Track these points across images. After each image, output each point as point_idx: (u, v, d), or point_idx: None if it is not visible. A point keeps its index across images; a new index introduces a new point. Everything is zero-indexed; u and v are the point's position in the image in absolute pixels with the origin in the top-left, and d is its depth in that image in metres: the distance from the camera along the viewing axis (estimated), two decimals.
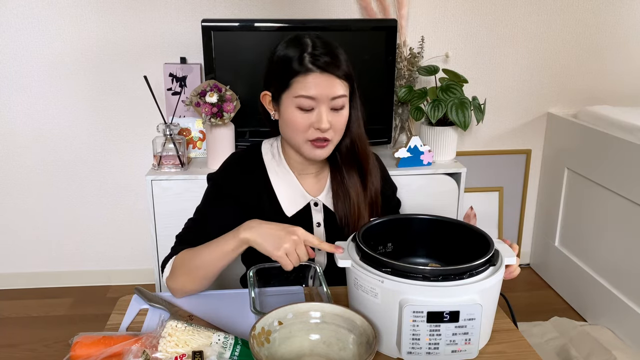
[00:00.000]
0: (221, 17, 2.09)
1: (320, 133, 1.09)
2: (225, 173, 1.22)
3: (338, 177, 1.22)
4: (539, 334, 2.00)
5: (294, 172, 1.22)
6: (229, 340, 0.86)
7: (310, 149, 1.12)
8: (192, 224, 1.19)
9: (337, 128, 1.11)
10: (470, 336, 0.84)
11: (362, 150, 1.20)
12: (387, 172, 1.37)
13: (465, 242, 0.99)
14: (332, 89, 1.07)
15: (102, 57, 2.14)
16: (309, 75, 1.06)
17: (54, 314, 2.20)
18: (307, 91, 1.07)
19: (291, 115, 1.10)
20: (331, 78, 1.07)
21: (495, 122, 2.39)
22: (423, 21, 2.20)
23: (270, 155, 1.23)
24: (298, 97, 1.07)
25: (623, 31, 2.33)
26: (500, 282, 0.90)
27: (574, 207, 2.26)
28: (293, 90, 1.08)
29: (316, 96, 1.07)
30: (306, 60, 1.06)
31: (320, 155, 1.13)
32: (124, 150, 2.26)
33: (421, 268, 0.84)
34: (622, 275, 1.97)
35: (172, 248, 1.15)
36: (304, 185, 1.22)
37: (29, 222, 2.32)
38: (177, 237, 1.18)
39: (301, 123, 1.09)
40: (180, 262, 1.08)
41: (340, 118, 1.11)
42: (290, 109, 1.10)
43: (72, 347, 0.86)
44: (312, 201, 1.22)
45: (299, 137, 1.11)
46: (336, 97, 1.08)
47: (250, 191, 1.19)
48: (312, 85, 1.06)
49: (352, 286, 0.92)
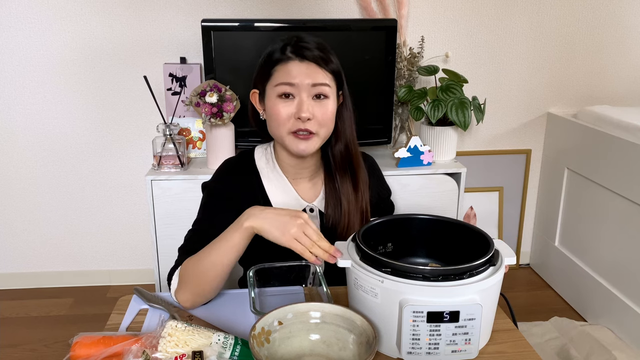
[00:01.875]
0: (221, 17, 2.09)
1: (301, 123, 1.07)
2: (219, 180, 1.20)
3: (331, 184, 1.19)
4: (539, 334, 2.00)
5: (288, 177, 1.20)
6: (229, 340, 0.86)
7: (294, 141, 1.10)
8: (192, 235, 1.15)
9: (320, 120, 1.09)
10: (471, 336, 0.84)
11: (354, 153, 1.19)
12: (383, 175, 1.35)
13: (465, 242, 0.99)
14: (312, 76, 1.07)
15: (102, 57, 2.14)
16: (289, 62, 1.07)
17: (54, 314, 2.20)
18: (286, 77, 1.07)
19: (273, 105, 1.09)
20: (312, 66, 1.07)
21: (495, 122, 2.39)
22: (423, 21, 2.20)
23: (264, 160, 1.21)
24: (278, 85, 1.08)
25: (623, 31, 2.33)
26: (501, 282, 0.90)
27: (574, 207, 2.26)
28: (274, 79, 1.09)
29: (295, 82, 1.06)
30: (287, 50, 1.08)
31: (304, 149, 1.10)
32: (124, 150, 2.26)
33: (421, 268, 0.84)
34: (622, 275, 1.97)
35: (175, 261, 1.11)
36: (298, 191, 1.20)
37: (29, 222, 2.32)
38: (180, 249, 1.14)
39: (282, 112, 1.08)
40: (186, 271, 1.03)
41: (323, 109, 1.09)
42: (272, 99, 1.10)
43: (72, 347, 0.86)
44: (307, 207, 1.20)
45: (282, 129, 1.09)
46: (317, 84, 1.07)
47: (244, 197, 1.16)
48: (291, 71, 1.07)
49: (352, 286, 0.92)
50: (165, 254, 1.88)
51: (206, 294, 1.03)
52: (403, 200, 1.91)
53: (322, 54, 1.08)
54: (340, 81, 1.14)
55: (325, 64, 1.08)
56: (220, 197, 1.17)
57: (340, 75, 1.13)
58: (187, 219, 1.20)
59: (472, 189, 2.42)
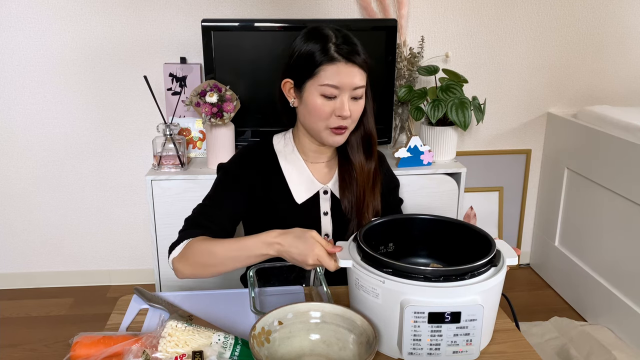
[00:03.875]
0: (221, 17, 2.09)
1: (341, 120, 1.15)
2: (236, 161, 1.25)
3: (346, 166, 1.25)
4: (539, 334, 2.00)
5: (306, 161, 1.25)
6: (229, 340, 0.86)
7: (330, 135, 1.17)
8: (201, 209, 1.19)
9: (354, 117, 1.17)
10: (472, 337, 0.84)
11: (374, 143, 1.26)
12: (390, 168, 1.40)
13: (466, 242, 0.99)
14: (354, 79, 1.12)
15: (102, 57, 2.14)
16: (334, 64, 1.11)
17: (54, 314, 2.20)
18: (333, 80, 1.11)
19: (315, 102, 1.14)
20: (354, 68, 1.12)
21: (495, 122, 2.39)
22: (423, 21, 2.20)
23: (282, 144, 1.27)
24: (323, 86, 1.12)
25: (623, 31, 2.33)
26: (502, 283, 0.90)
27: (573, 207, 2.26)
28: (319, 78, 1.12)
29: (340, 85, 1.12)
30: (332, 50, 1.11)
31: (339, 141, 1.18)
32: (124, 150, 2.25)
33: (422, 268, 0.84)
34: (622, 275, 1.97)
35: (180, 231, 1.15)
36: (314, 173, 1.25)
37: (29, 222, 2.32)
38: (187, 220, 1.18)
39: (324, 110, 1.14)
40: (196, 250, 1.07)
41: (358, 107, 1.17)
42: (313, 95, 1.14)
43: (72, 347, 0.86)
44: (321, 189, 1.24)
45: (320, 124, 1.16)
46: (357, 87, 1.13)
47: (261, 178, 1.22)
48: (337, 74, 1.11)
49: (353, 286, 0.92)
50: (165, 254, 1.87)
51: (204, 277, 1.10)
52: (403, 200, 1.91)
53: (365, 56, 1.14)
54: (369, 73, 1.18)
55: (362, 61, 1.13)
56: (233, 178, 1.21)
57: (370, 67, 1.17)
58: None
59: (472, 189, 2.42)
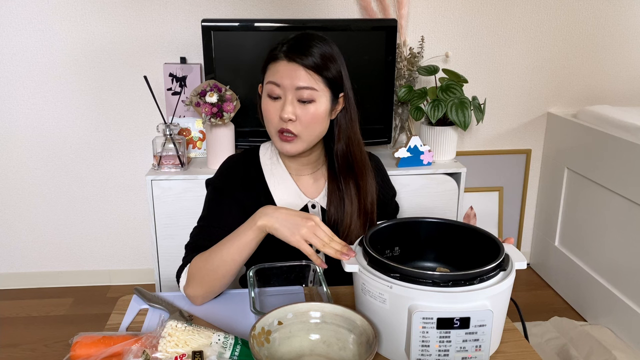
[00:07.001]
0: (221, 17, 2.09)
1: (283, 123, 1.09)
2: (222, 176, 1.21)
3: (334, 183, 1.20)
4: (539, 334, 2.00)
5: (291, 173, 1.21)
6: (229, 340, 0.86)
7: (279, 141, 1.12)
8: (198, 232, 1.16)
9: (303, 121, 1.09)
10: (481, 343, 0.82)
11: (357, 154, 1.18)
12: (388, 175, 1.35)
13: (473, 245, 0.97)
14: (296, 79, 1.07)
15: (102, 56, 2.14)
16: (276, 62, 1.09)
17: (54, 314, 2.20)
18: (274, 77, 1.09)
19: (263, 103, 1.12)
20: (297, 67, 1.07)
21: (495, 122, 2.39)
22: (423, 21, 2.20)
23: (267, 156, 1.22)
24: (267, 84, 1.10)
25: (623, 31, 2.33)
26: (511, 287, 0.88)
27: (574, 207, 2.26)
28: (266, 76, 1.12)
29: (281, 83, 1.08)
30: (277, 49, 1.09)
31: (288, 150, 1.12)
32: (124, 150, 2.26)
33: (431, 273, 0.82)
34: (622, 275, 1.97)
35: (183, 258, 1.12)
36: (300, 187, 1.21)
37: (29, 222, 2.32)
38: (187, 246, 1.15)
39: (269, 110, 1.11)
40: (197, 267, 1.04)
41: (307, 112, 1.09)
42: (263, 97, 1.13)
43: (72, 347, 0.86)
44: (309, 203, 1.21)
45: (271, 128, 1.12)
46: (301, 88, 1.07)
47: (247, 193, 1.18)
48: (277, 71, 1.08)
49: (359, 291, 0.90)
50: (165, 254, 1.88)
51: (216, 290, 1.05)
52: (403, 200, 1.91)
53: (307, 52, 1.07)
54: (338, 86, 1.12)
55: (309, 63, 1.07)
56: (223, 194, 1.18)
57: (337, 81, 1.11)
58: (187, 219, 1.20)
59: (472, 189, 2.42)
